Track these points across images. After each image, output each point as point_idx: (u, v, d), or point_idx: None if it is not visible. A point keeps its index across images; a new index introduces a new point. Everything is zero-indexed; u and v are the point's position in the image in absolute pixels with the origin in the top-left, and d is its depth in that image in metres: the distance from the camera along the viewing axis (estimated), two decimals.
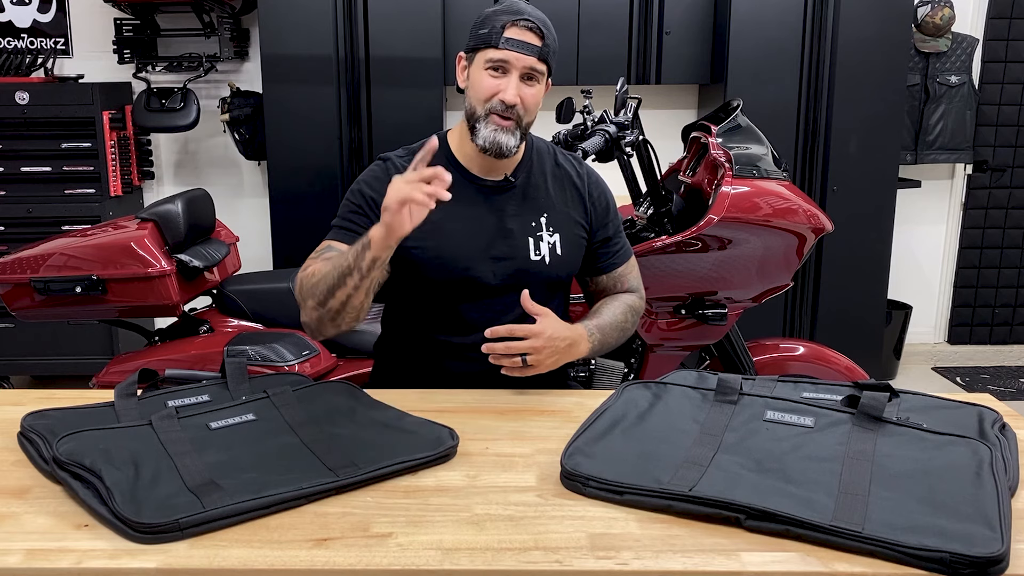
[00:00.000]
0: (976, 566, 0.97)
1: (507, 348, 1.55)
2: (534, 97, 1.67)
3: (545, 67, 1.67)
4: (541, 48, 1.64)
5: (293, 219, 3.72)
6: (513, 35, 1.62)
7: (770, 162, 2.32)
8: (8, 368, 3.81)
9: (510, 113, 1.64)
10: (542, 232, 1.74)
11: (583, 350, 1.66)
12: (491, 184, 1.74)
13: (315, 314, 1.55)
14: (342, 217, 1.72)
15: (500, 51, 1.63)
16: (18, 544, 1.05)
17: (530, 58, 1.63)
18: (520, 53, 1.63)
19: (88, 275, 2.23)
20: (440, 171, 1.36)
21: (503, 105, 1.63)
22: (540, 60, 1.65)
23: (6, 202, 3.68)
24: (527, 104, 1.66)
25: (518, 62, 1.63)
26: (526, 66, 1.64)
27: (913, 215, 4.38)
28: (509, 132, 1.65)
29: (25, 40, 4.11)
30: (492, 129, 1.65)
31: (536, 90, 1.67)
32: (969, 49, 4.19)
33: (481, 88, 1.65)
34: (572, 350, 1.63)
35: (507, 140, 1.65)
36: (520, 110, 1.65)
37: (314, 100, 3.68)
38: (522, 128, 1.68)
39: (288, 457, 1.23)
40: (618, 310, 1.79)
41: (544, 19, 1.66)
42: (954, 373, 4.32)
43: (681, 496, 1.11)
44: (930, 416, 1.31)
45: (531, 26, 1.63)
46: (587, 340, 1.67)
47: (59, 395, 1.56)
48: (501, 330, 1.56)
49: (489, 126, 1.65)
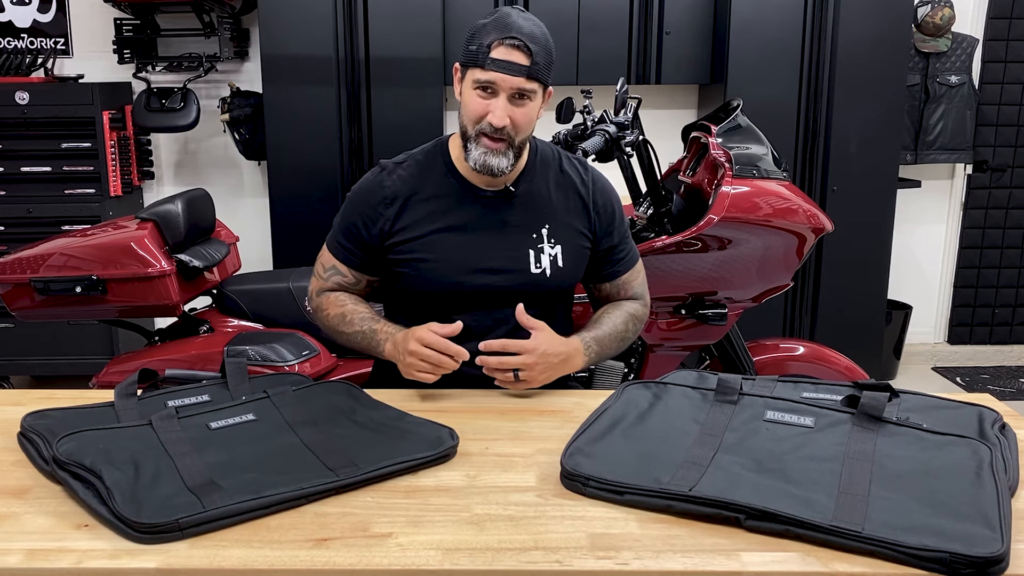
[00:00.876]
0: (976, 566, 0.97)
1: (500, 363, 1.55)
2: (525, 116, 1.62)
3: (536, 84, 1.61)
4: (529, 68, 1.58)
5: (293, 219, 3.72)
6: (499, 55, 1.57)
7: (770, 162, 2.32)
8: (8, 368, 3.81)
9: (500, 135, 1.61)
10: (543, 244, 1.72)
11: (578, 364, 1.65)
12: (491, 195, 1.72)
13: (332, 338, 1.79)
14: (340, 229, 1.75)
15: (486, 72, 1.58)
16: (18, 544, 1.05)
17: (517, 79, 1.58)
18: (506, 74, 1.58)
19: (88, 275, 2.23)
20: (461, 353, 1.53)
21: (492, 127, 1.60)
22: (529, 79, 1.59)
23: (6, 202, 3.68)
24: (518, 124, 1.62)
25: (504, 83, 1.58)
26: (513, 87, 1.59)
27: (913, 215, 4.38)
28: (500, 154, 1.63)
29: (25, 40, 4.11)
30: (482, 152, 1.62)
31: (528, 108, 1.62)
32: (969, 49, 4.19)
33: (470, 109, 1.63)
34: (566, 365, 1.62)
35: (498, 162, 1.63)
36: (511, 131, 1.61)
37: (314, 100, 3.68)
38: (515, 148, 1.65)
39: (288, 457, 1.23)
40: (619, 320, 1.77)
41: (533, 33, 1.59)
42: (954, 373, 4.32)
43: (681, 496, 1.11)
44: (930, 416, 1.31)
45: (518, 44, 1.57)
46: (583, 354, 1.66)
47: (59, 395, 1.56)
48: (494, 344, 1.56)
49: (479, 148, 1.62)
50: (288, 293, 2.44)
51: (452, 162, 1.73)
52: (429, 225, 1.69)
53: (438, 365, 1.53)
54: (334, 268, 1.76)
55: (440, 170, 1.73)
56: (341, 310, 1.72)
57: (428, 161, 1.74)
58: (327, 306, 1.75)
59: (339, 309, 1.73)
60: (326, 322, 1.76)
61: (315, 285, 1.79)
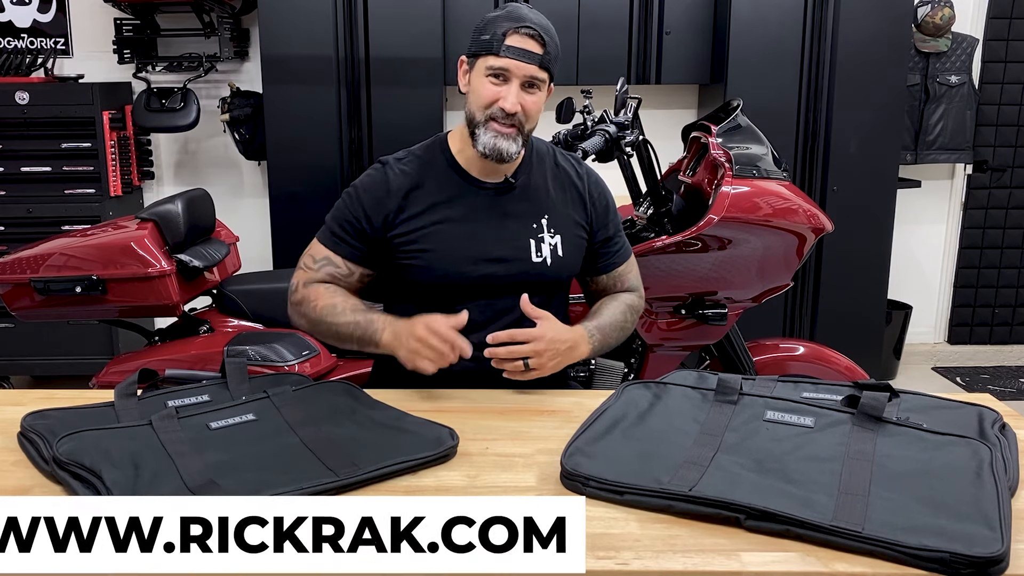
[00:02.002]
0: (976, 566, 0.97)
1: (509, 352, 1.56)
2: (535, 104, 1.67)
3: (546, 75, 1.67)
4: (543, 56, 1.64)
5: (293, 219, 3.71)
6: (514, 43, 1.62)
7: (770, 162, 2.32)
8: (8, 368, 3.81)
9: (511, 120, 1.64)
10: (543, 234, 1.74)
11: (584, 351, 1.66)
12: (492, 186, 1.74)
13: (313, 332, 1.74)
14: (336, 223, 1.74)
15: (501, 59, 1.62)
16: None
17: (531, 66, 1.63)
18: (521, 61, 1.62)
19: (88, 275, 2.23)
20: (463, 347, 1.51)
21: (503, 112, 1.63)
22: (541, 68, 1.65)
23: (6, 202, 3.69)
24: (528, 112, 1.66)
25: (519, 70, 1.63)
26: (527, 74, 1.64)
27: (913, 215, 4.37)
28: (510, 138, 1.65)
29: (25, 40, 4.11)
30: (492, 135, 1.65)
31: (537, 97, 1.67)
32: (969, 49, 4.19)
33: (481, 95, 1.66)
34: (573, 352, 1.63)
35: (507, 146, 1.65)
36: (521, 117, 1.65)
37: (314, 100, 3.68)
38: (524, 135, 1.68)
39: (288, 457, 1.23)
40: (617, 310, 1.79)
41: (546, 26, 1.66)
42: (954, 373, 4.32)
43: (681, 496, 1.11)
44: (930, 416, 1.31)
45: (532, 34, 1.63)
46: (588, 342, 1.67)
47: (59, 395, 1.56)
48: (502, 335, 1.56)
49: (489, 132, 1.65)
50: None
51: (453, 156, 1.75)
52: (431, 216, 1.70)
53: (442, 355, 1.52)
54: (326, 259, 1.73)
55: (441, 164, 1.75)
56: (332, 301, 1.68)
57: (428, 156, 1.77)
58: (315, 297, 1.69)
59: (330, 300, 1.68)
60: (312, 314, 1.69)
61: (301, 277, 1.74)
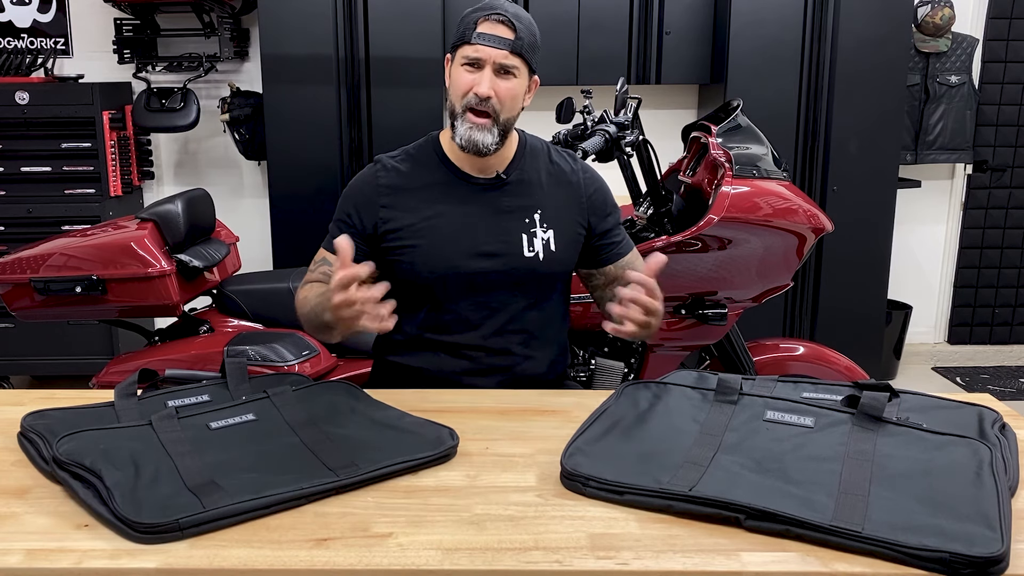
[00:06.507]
0: (976, 566, 0.97)
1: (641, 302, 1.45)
2: (509, 91, 1.66)
3: (520, 60, 1.66)
4: (513, 41, 1.64)
5: (293, 219, 3.72)
6: (485, 29, 1.64)
7: (770, 162, 2.32)
8: (8, 368, 3.81)
9: (485, 107, 1.64)
10: (536, 228, 1.74)
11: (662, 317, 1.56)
12: (483, 182, 1.75)
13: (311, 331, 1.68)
14: (334, 223, 1.77)
15: (472, 46, 1.64)
16: (18, 544, 1.05)
17: (501, 51, 1.64)
18: (490, 47, 1.64)
19: (88, 275, 2.23)
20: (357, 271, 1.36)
21: (477, 98, 1.64)
22: (513, 53, 1.65)
23: (6, 202, 3.68)
24: (501, 97, 1.65)
25: (489, 56, 1.64)
26: (497, 60, 1.64)
27: (913, 215, 4.38)
28: (485, 130, 1.66)
29: (25, 40, 4.11)
30: (468, 127, 1.66)
31: (512, 84, 1.67)
32: (969, 49, 4.19)
33: (457, 84, 1.67)
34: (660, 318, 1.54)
35: (482, 137, 1.66)
36: (495, 104, 1.65)
37: (314, 100, 3.68)
38: (500, 124, 1.67)
39: (288, 457, 1.23)
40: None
41: (518, 13, 1.67)
42: (954, 373, 4.32)
43: (681, 496, 1.11)
44: (930, 416, 1.31)
45: (502, 19, 1.64)
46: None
47: (59, 395, 1.56)
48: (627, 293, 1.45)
49: (465, 124, 1.66)
50: (288, 293, 2.44)
51: (444, 152, 1.76)
52: (423, 212, 1.71)
53: (364, 302, 1.38)
54: (323, 260, 1.74)
55: (433, 160, 1.77)
56: (307, 294, 1.67)
57: (420, 153, 1.79)
58: (306, 292, 1.70)
59: (306, 294, 1.68)
60: (302, 308, 1.69)
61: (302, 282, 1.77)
